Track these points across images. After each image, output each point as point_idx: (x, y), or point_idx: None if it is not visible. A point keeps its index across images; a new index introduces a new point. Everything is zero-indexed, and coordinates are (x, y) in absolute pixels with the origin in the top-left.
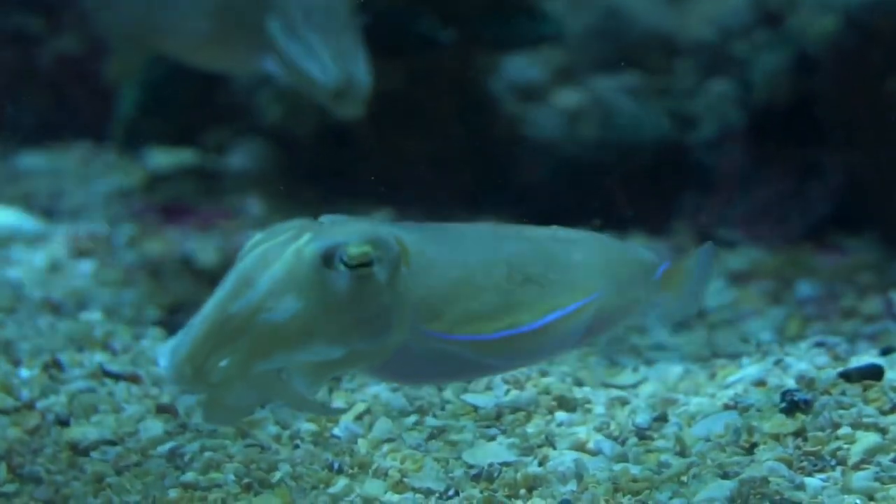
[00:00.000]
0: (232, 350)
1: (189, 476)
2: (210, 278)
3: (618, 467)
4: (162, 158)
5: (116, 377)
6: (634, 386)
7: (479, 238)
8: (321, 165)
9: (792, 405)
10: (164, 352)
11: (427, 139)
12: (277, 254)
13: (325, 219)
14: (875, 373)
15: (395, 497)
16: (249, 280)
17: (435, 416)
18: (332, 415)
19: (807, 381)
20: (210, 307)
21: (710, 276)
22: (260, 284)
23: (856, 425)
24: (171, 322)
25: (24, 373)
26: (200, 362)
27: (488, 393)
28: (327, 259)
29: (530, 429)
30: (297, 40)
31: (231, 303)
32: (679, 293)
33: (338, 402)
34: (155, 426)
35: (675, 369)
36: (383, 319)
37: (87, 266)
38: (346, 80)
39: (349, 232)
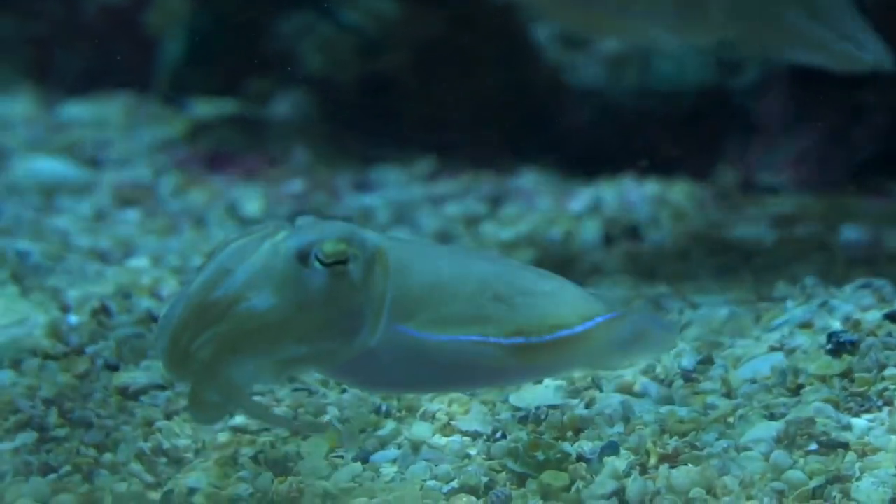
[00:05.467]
0: (212, 336)
1: (238, 420)
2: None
3: (664, 409)
4: (205, 107)
5: None
6: (680, 329)
7: (452, 253)
8: (364, 113)
9: (838, 346)
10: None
11: (470, 86)
12: (254, 248)
13: (300, 220)
14: None
15: (443, 440)
16: (227, 271)
17: None
18: (293, 427)
19: (852, 323)
20: (191, 293)
21: (642, 344)
22: (238, 275)
23: None
24: None
25: (73, 319)
26: (185, 347)
27: None
28: (303, 256)
29: (577, 371)
30: (824, 26)
31: (211, 291)
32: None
33: None
34: None
35: (721, 312)
36: (356, 318)
37: (132, 214)
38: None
39: (325, 230)
